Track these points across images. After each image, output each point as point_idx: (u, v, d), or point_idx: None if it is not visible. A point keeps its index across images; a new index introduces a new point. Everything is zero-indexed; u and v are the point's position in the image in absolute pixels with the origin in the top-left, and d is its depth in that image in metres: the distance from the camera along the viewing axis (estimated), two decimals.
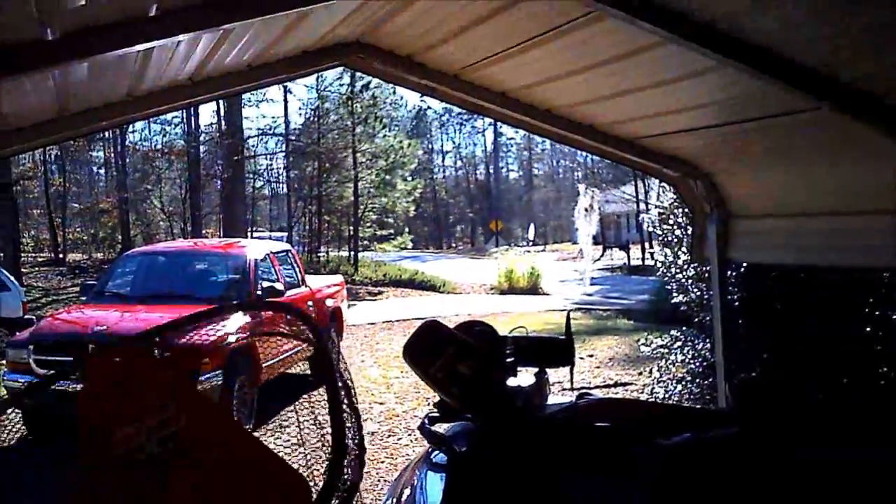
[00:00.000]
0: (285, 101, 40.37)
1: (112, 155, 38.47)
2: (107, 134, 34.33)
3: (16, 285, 16.50)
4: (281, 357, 10.10)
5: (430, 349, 2.61)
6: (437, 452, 3.13)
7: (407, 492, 2.84)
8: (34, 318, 14.42)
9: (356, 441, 2.06)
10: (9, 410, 8.04)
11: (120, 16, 2.80)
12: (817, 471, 2.51)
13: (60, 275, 29.01)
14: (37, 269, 30.31)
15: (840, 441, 2.77)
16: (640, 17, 3.11)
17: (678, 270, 8.70)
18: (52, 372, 8.22)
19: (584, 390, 4.35)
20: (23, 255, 27.64)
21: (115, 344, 8.12)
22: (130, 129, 35.07)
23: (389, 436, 8.88)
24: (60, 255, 33.19)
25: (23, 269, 26.23)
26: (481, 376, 2.76)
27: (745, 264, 6.88)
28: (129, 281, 10.86)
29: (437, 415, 3.15)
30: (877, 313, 6.26)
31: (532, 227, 42.71)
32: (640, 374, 11.03)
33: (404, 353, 2.70)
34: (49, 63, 2.86)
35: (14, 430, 7.56)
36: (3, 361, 8.91)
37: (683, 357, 8.62)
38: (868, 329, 6.28)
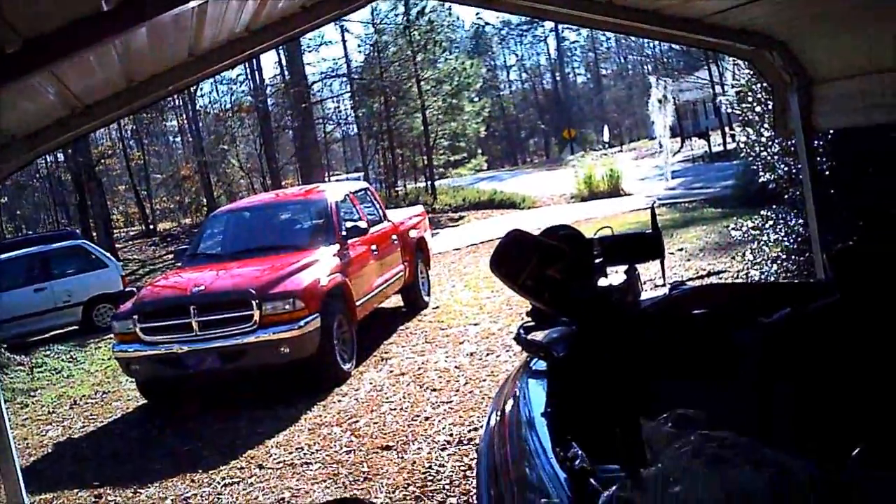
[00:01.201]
0: (343, 40, 40.31)
1: (185, 122, 39.23)
2: (177, 101, 34.99)
3: (112, 261, 17.22)
4: (374, 293, 10.31)
5: (517, 258, 2.63)
6: (535, 360, 3.17)
7: (510, 402, 2.90)
8: (134, 289, 15.10)
9: None
10: (123, 381, 8.47)
11: None
12: None
13: (154, 245, 30.07)
14: (130, 242, 31.49)
15: None
16: None
17: (762, 148, 8.43)
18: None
19: (677, 282, 4.32)
20: (115, 230, 28.70)
21: (214, 302, 8.45)
22: (199, 93, 35.68)
23: (488, 354, 9.02)
24: (150, 226, 34.34)
25: (117, 245, 27.31)
26: (571, 278, 2.77)
27: (831, 131, 6.62)
28: (219, 241, 11.17)
29: (531, 323, 3.18)
30: None
31: (606, 128, 41.85)
32: (734, 259, 10.84)
33: (492, 266, 2.72)
34: (109, 34, 2.92)
35: (129, 398, 7.95)
36: (112, 335, 9.33)
37: (776, 235, 8.42)
38: None
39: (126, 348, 8.84)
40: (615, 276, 3.44)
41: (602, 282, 3.20)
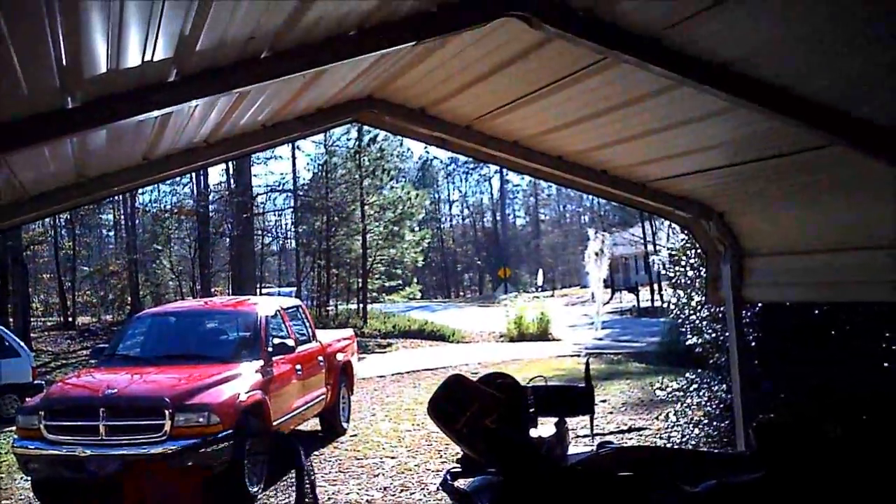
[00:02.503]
0: (293, 157, 40.81)
1: (122, 217, 38.73)
2: (117, 196, 34.63)
3: (25, 350, 16.49)
4: (293, 414, 10.04)
5: (456, 405, 2.60)
6: None
7: None
8: (44, 382, 14.40)
9: None
10: (18, 478, 7.96)
11: (139, 82, 2.85)
12: None
13: (70, 338, 29.00)
14: (46, 333, 30.32)
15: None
16: (652, 61, 3.16)
17: (692, 312, 8.67)
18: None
19: (603, 438, 4.30)
20: (32, 319, 27.69)
21: (125, 407, 8.11)
22: (140, 190, 35.38)
23: (402, 490, 8.77)
24: (70, 319, 33.21)
25: (32, 334, 26.27)
26: (505, 430, 2.75)
27: (760, 304, 6.86)
28: (139, 342, 10.84)
29: (458, 470, 3.13)
30: (894, 348, 6.23)
31: (540, 272, 42.62)
32: (656, 418, 10.92)
33: (429, 410, 2.69)
34: (70, 131, 2.91)
35: (21, 497, 7.47)
36: (14, 428, 8.84)
37: (699, 399, 8.56)
38: (887, 364, 6.25)
39: (27, 444, 8.37)
40: (545, 427, 3.43)
41: (533, 432, 3.18)
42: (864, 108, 3.30)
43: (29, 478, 8.82)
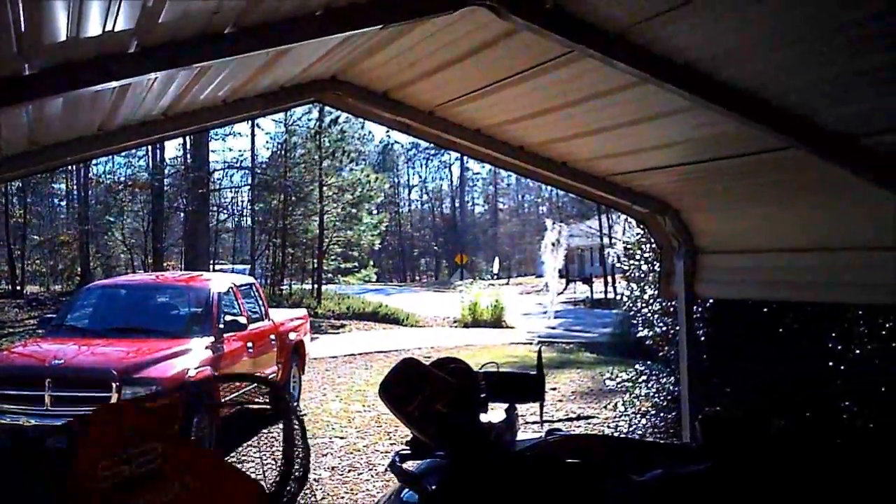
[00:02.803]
0: (252, 134, 40.28)
1: (74, 187, 37.98)
2: (71, 166, 33.93)
3: None
4: (242, 391, 9.95)
5: (408, 388, 2.62)
6: (407, 490, 3.13)
7: None
8: None
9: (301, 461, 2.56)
10: None
11: (98, 52, 2.80)
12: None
13: (18, 307, 28.41)
14: None
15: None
16: (618, 58, 3.19)
17: (644, 305, 8.80)
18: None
19: (552, 425, 4.35)
20: None
21: (71, 378, 7.98)
22: (94, 161, 34.71)
23: (350, 471, 8.78)
24: (18, 287, 32.54)
25: None
26: (456, 414, 2.77)
27: (711, 300, 6.98)
28: (88, 314, 10.65)
29: (407, 452, 3.15)
30: (839, 348, 6.38)
31: (497, 260, 42.89)
32: (605, 407, 11.08)
33: (381, 392, 2.70)
34: (26, 98, 2.85)
35: None
36: None
37: (648, 391, 8.69)
38: (830, 363, 6.40)
39: None
40: (495, 412, 3.46)
41: (483, 418, 3.21)
42: (825, 114, 3.37)
43: None
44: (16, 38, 2.43)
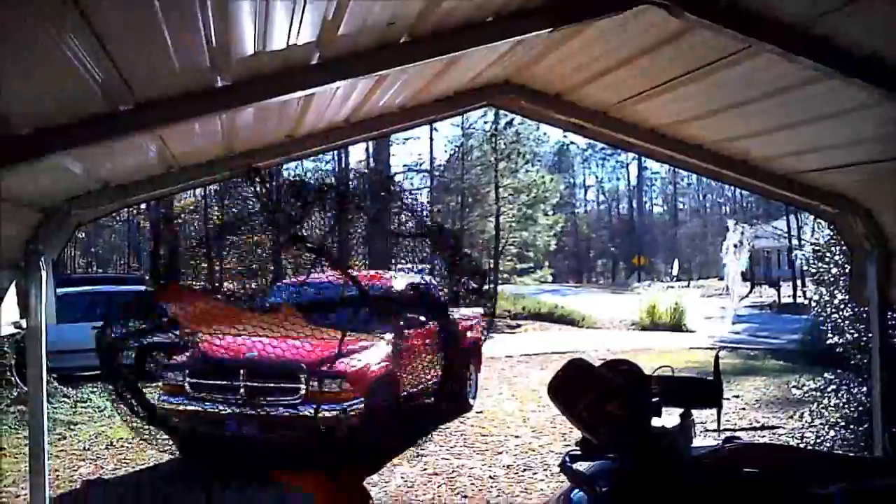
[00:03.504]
0: (431, 138, 41.33)
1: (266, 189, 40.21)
2: (263, 170, 36.00)
3: None
4: (421, 386, 10.24)
5: (577, 388, 2.63)
6: (577, 491, 3.12)
7: None
8: (189, 342, 15.21)
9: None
10: (162, 431, 8.45)
11: (284, 64, 3.00)
12: None
13: (217, 302, 30.53)
14: None
15: None
16: (796, 51, 3.06)
17: (834, 310, 8.29)
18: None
19: (731, 433, 4.22)
20: (181, 283, 29.35)
21: (264, 370, 8.49)
22: (284, 166, 36.67)
23: (525, 470, 8.84)
24: (216, 284, 34.93)
25: None
26: (627, 416, 2.75)
27: None
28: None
29: (578, 453, 3.14)
30: None
31: (676, 262, 41.57)
32: (791, 417, 10.53)
33: (549, 391, 2.72)
34: (217, 109, 3.10)
35: (164, 449, 7.96)
36: (160, 383, 9.43)
37: (837, 401, 8.19)
38: None
39: (171, 399, 8.92)
40: (670, 417, 3.39)
41: (656, 422, 3.16)
42: None
43: (170, 432, 9.40)
44: (208, 54, 2.64)
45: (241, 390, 8.53)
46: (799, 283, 33.60)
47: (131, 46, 2.52)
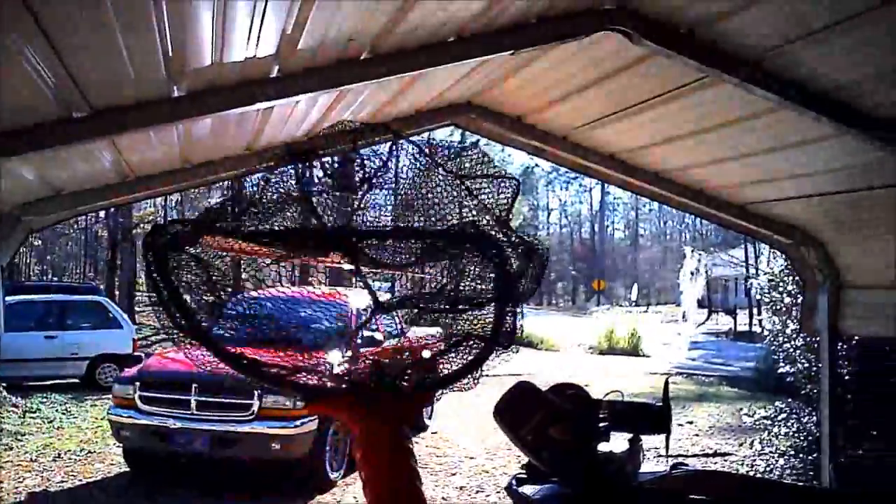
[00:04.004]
0: (396, 156, 41.28)
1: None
2: (225, 182, 35.72)
3: (128, 323, 17.25)
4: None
5: (521, 411, 2.61)
6: None
7: None
8: (143, 355, 15.01)
9: None
10: (110, 445, 8.31)
11: (242, 76, 2.97)
12: None
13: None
14: (150, 307, 31.50)
15: None
16: (754, 82, 3.10)
17: (786, 339, 8.40)
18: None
19: (679, 459, 4.23)
20: (137, 294, 28.93)
21: (216, 384, 8.36)
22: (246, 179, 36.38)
23: (478, 492, 8.79)
24: None
25: (136, 308, 27.48)
26: (572, 441, 2.74)
27: (856, 337, 6.60)
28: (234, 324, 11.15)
29: (524, 476, 3.12)
30: None
31: (635, 287, 41.97)
32: (742, 444, 10.63)
33: (495, 414, 2.70)
34: (173, 118, 3.06)
35: (112, 462, 7.81)
36: (111, 395, 9.27)
37: (787, 430, 8.28)
38: None
39: (121, 413, 8.74)
40: (618, 442, 3.39)
41: (604, 447, 3.15)
42: None
43: (121, 445, 9.23)
44: (164, 63, 2.61)
45: (192, 404, 8.40)
46: (755, 311, 34.05)
47: (86, 53, 2.48)
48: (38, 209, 4.15)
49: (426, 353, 1.55)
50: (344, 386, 1.35)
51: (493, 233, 1.62)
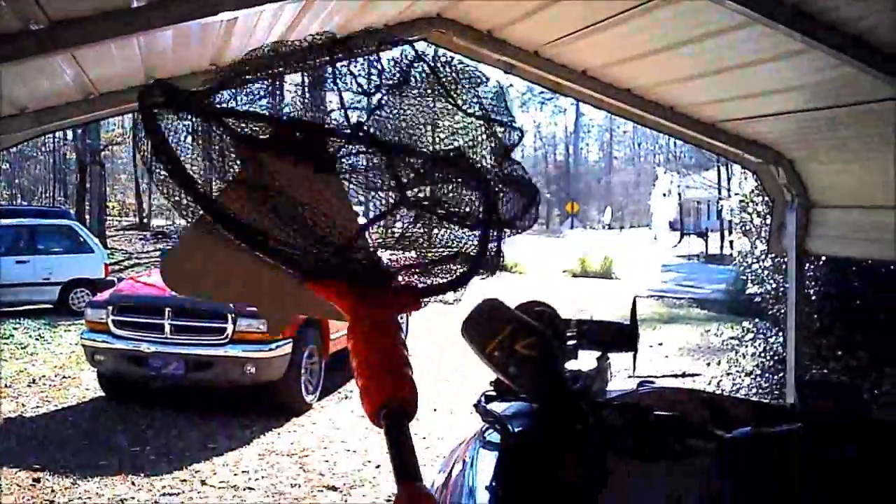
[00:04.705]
0: (368, 75, 40.68)
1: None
2: None
3: (99, 247, 17.12)
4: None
5: (488, 327, 2.60)
6: (490, 430, 3.13)
7: (458, 467, 2.86)
8: (115, 279, 14.94)
9: None
10: (84, 370, 8.34)
11: None
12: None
13: (144, 239, 29.92)
14: (121, 232, 31.35)
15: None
16: None
17: (755, 260, 8.50)
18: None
19: (645, 378, 4.28)
20: (108, 218, 28.70)
21: (190, 308, 8.35)
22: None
23: (451, 414, 8.94)
24: (145, 220, 34.22)
25: (108, 233, 27.25)
26: (539, 357, 2.74)
27: (823, 257, 6.67)
28: None
29: (493, 393, 3.15)
30: None
31: (609, 210, 42.17)
32: (709, 365, 10.85)
33: (462, 330, 2.69)
34: (135, 29, 2.95)
35: (87, 387, 7.86)
36: (84, 320, 9.24)
37: (754, 350, 8.45)
38: None
39: (94, 337, 8.75)
40: (586, 360, 3.42)
41: (572, 364, 3.18)
42: None
43: (95, 370, 9.24)
44: None
45: (166, 328, 8.41)
46: (726, 233, 34.43)
47: None
48: (2, 127, 4.03)
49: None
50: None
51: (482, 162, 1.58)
